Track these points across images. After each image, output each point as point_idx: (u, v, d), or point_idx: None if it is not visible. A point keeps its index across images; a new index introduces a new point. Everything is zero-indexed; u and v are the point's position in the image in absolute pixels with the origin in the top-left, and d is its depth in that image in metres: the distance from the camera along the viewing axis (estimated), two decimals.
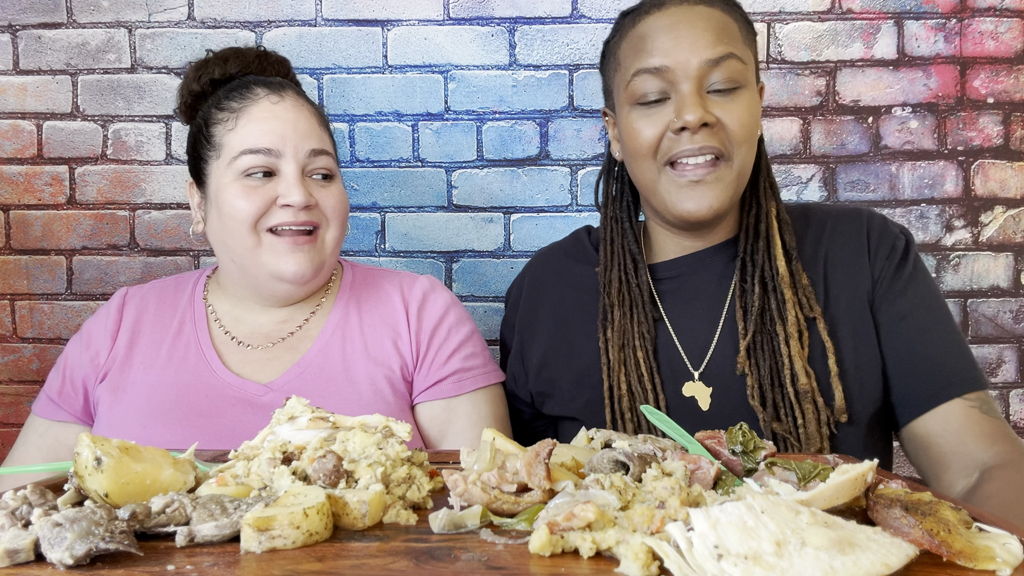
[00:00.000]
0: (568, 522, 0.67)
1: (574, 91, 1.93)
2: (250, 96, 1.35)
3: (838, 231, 1.34)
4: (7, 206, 1.95)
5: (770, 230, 1.31)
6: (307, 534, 0.69)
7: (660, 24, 1.26)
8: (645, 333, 1.32)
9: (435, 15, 1.93)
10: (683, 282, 1.36)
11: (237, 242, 1.33)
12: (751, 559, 0.58)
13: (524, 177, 1.94)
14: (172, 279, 1.52)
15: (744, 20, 1.31)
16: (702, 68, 1.22)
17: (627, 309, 1.34)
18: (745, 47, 1.27)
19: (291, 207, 1.30)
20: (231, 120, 1.34)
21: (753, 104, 1.26)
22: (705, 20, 1.24)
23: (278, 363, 1.38)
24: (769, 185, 1.36)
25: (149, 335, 1.41)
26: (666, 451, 0.86)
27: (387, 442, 0.86)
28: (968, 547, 0.64)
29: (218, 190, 1.34)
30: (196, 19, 1.93)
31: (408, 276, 1.50)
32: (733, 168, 1.25)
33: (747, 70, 1.26)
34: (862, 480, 0.72)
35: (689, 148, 1.23)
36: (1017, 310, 1.91)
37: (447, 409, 1.39)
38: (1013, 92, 1.90)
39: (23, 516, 0.70)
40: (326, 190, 1.36)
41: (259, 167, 1.31)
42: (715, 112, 1.23)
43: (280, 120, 1.32)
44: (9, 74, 1.94)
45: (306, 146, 1.33)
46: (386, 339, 1.40)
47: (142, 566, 0.64)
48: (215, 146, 1.35)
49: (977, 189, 1.92)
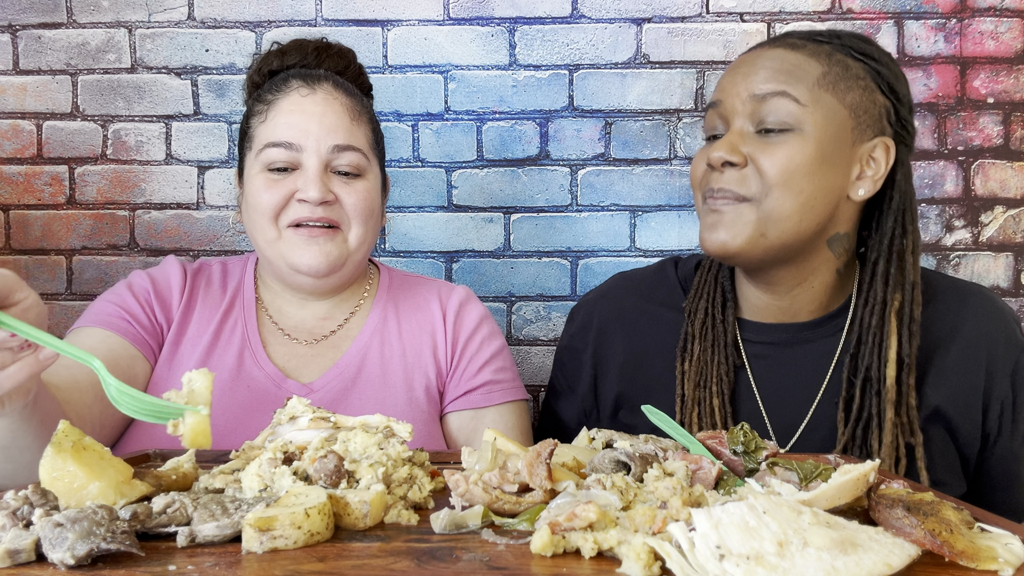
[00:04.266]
0: (570, 522, 0.67)
1: (574, 91, 1.93)
2: (284, 89, 1.34)
3: (963, 323, 1.26)
4: (7, 206, 1.95)
5: (886, 328, 1.21)
6: (308, 534, 0.69)
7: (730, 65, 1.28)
8: (724, 376, 1.27)
9: (435, 15, 1.93)
10: (776, 350, 1.29)
11: (260, 234, 1.33)
12: (753, 559, 0.58)
13: (524, 177, 1.94)
14: (218, 261, 1.49)
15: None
16: (752, 103, 1.20)
17: (708, 345, 1.28)
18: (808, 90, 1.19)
19: (307, 202, 1.29)
20: (263, 113, 1.34)
21: (794, 152, 1.18)
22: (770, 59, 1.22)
23: (320, 361, 1.37)
24: (897, 270, 1.22)
25: (200, 311, 1.39)
26: (667, 451, 0.86)
27: (388, 442, 0.86)
28: (970, 547, 0.64)
29: (247, 181, 1.35)
30: (196, 19, 1.93)
31: (445, 285, 1.49)
32: (759, 209, 1.18)
33: (800, 111, 1.18)
34: (864, 480, 0.72)
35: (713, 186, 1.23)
36: (1017, 310, 1.91)
37: (475, 419, 1.39)
38: (1013, 92, 1.90)
39: (24, 516, 0.69)
40: (349, 187, 1.33)
41: (281, 161, 1.30)
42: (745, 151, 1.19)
43: (306, 114, 1.31)
44: (9, 74, 1.94)
45: (330, 141, 1.31)
46: (424, 346, 1.40)
47: (143, 566, 0.64)
48: (249, 138, 1.36)
49: (977, 189, 1.92)
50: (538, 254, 1.94)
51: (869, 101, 1.20)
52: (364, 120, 1.38)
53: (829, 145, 1.18)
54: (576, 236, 1.93)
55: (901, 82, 1.24)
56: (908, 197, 1.24)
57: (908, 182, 1.25)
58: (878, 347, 1.21)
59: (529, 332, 1.94)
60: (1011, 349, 1.25)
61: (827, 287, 1.28)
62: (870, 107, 1.20)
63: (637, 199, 1.92)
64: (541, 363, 1.94)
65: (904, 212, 1.23)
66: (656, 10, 1.91)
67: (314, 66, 1.41)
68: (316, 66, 1.41)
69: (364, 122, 1.38)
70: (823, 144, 1.17)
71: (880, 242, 1.24)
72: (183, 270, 1.42)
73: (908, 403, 1.20)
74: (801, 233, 1.20)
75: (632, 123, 1.92)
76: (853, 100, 1.19)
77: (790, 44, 1.23)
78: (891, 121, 1.23)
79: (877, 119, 1.21)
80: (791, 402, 1.27)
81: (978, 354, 1.24)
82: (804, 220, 1.19)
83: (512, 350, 1.93)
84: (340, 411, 0.94)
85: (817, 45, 1.22)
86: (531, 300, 1.94)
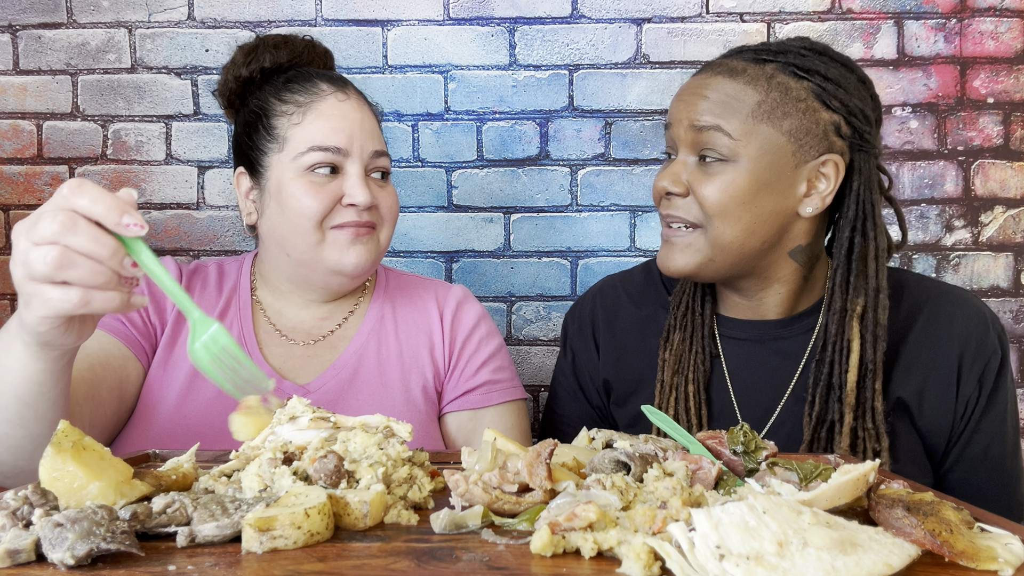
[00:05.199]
0: (569, 522, 0.67)
1: (574, 91, 1.93)
2: (316, 91, 1.34)
3: (931, 326, 1.27)
4: (7, 206, 1.95)
5: (847, 334, 1.23)
6: (308, 534, 0.69)
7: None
8: (700, 364, 1.32)
9: (435, 15, 1.93)
10: (748, 346, 1.33)
11: (300, 238, 1.31)
12: (753, 559, 0.58)
13: (524, 177, 1.94)
14: (214, 261, 1.49)
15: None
16: (692, 133, 1.23)
17: (687, 335, 1.34)
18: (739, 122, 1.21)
19: (355, 207, 1.30)
20: (297, 114, 1.32)
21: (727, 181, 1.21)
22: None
23: (317, 362, 1.37)
24: (859, 276, 1.24)
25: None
26: (667, 451, 0.86)
27: (388, 442, 0.86)
28: (970, 547, 0.64)
29: (280, 184, 1.32)
30: (196, 19, 1.93)
31: (442, 284, 1.50)
32: (706, 236, 1.23)
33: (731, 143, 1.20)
34: (864, 480, 0.72)
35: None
36: (1017, 310, 1.91)
37: (473, 419, 1.39)
38: (1013, 92, 1.90)
39: (24, 516, 0.69)
40: (384, 190, 1.36)
41: (326, 163, 1.30)
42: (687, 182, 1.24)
43: (348, 119, 1.32)
44: (9, 74, 1.94)
45: (371, 146, 1.33)
46: (422, 346, 1.40)
47: (143, 566, 0.64)
48: (277, 138, 1.33)
49: (977, 189, 1.92)
50: (538, 254, 1.94)
51: (811, 122, 1.21)
52: (380, 125, 1.41)
53: (765, 173, 1.20)
54: (576, 236, 1.93)
55: (854, 91, 1.23)
56: (868, 204, 1.24)
57: (869, 189, 1.24)
58: (839, 353, 1.23)
59: (529, 332, 1.94)
60: (982, 350, 1.26)
61: (794, 291, 1.31)
62: (812, 127, 1.21)
63: (637, 199, 1.92)
64: (541, 363, 1.94)
65: (865, 220, 1.24)
66: (656, 10, 1.91)
67: (307, 62, 1.41)
68: (308, 63, 1.42)
69: (380, 126, 1.41)
70: (758, 173, 1.20)
71: (839, 251, 1.25)
72: (179, 272, 1.42)
73: (874, 408, 1.21)
74: (748, 255, 1.24)
75: (632, 123, 1.92)
76: (791, 125, 1.20)
77: (730, 70, 1.23)
78: (841, 134, 1.22)
79: (821, 137, 1.21)
80: (761, 397, 1.31)
81: (950, 351, 1.26)
82: (747, 244, 1.23)
83: (512, 350, 1.93)
84: (337, 412, 0.95)
85: (759, 68, 1.22)
86: (531, 300, 1.94)
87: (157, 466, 0.91)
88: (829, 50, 1.26)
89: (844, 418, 1.21)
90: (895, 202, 1.34)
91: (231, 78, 1.42)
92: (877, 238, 1.24)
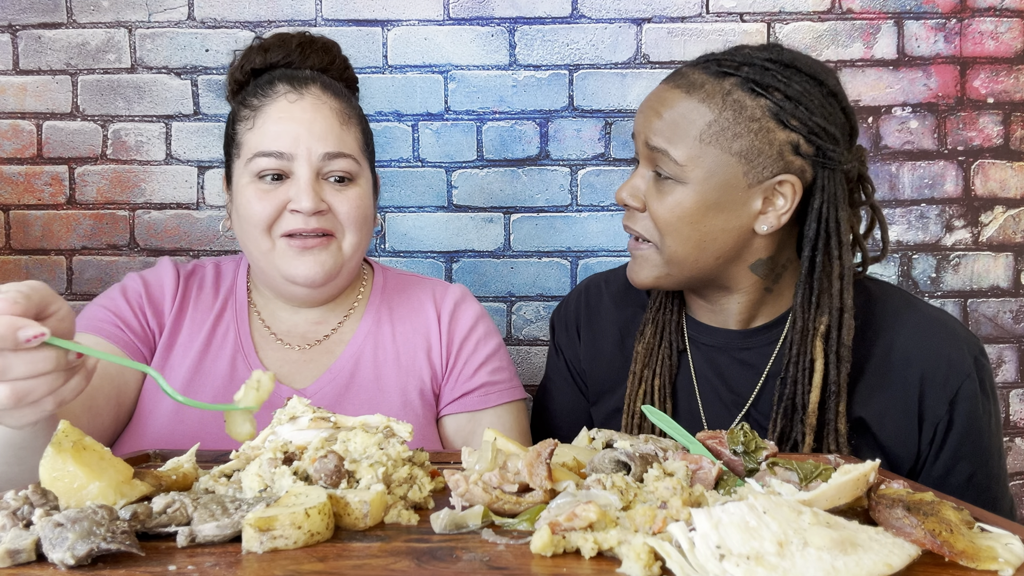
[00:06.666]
0: (570, 522, 0.67)
1: (574, 91, 1.93)
2: (271, 93, 1.31)
3: (896, 345, 1.24)
4: (7, 206, 1.95)
5: (809, 354, 1.21)
6: (308, 534, 0.69)
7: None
8: (667, 358, 1.34)
9: (435, 15, 1.92)
10: (713, 352, 1.33)
11: (253, 244, 1.31)
12: (753, 559, 0.58)
13: (524, 177, 1.94)
14: (212, 261, 1.47)
15: None
16: (647, 150, 1.24)
17: (658, 329, 1.36)
18: None
19: (300, 213, 1.27)
20: (250, 119, 1.31)
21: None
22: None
23: (313, 366, 1.36)
24: (823, 295, 1.21)
25: (192, 315, 1.37)
26: (667, 451, 0.86)
27: (388, 442, 0.86)
28: (970, 547, 0.64)
29: (237, 190, 1.32)
30: (196, 19, 1.93)
31: (440, 284, 1.48)
32: (660, 251, 1.25)
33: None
34: (864, 480, 0.72)
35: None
36: (1017, 310, 1.91)
37: (472, 421, 1.38)
38: (1013, 92, 1.90)
39: (24, 516, 0.69)
40: (341, 195, 1.30)
41: (271, 170, 1.28)
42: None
43: (295, 121, 1.28)
44: (9, 74, 1.93)
45: (320, 149, 1.28)
46: (419, 350, 1.39)
47: (143, 566, 0.64)
48: (237, 144, 1.33)
49: (977, 189, 1.92)
50: (538, 254, 1.94)
51: (763, 142, 1.18)
52: (354, 123, 1.35)
53: (713, 193, 1.19)
54: (576, 236, 1.93)
55: (816, 109, 1.18)
56: (832, 221, 1.21)
57: (834, 206, 1.20)
58: (803, 372, 1.21)
59: (529, 332, 1.94)
60: (954, 373, 1.21)
61: (755, 301, 1.30)
62: (764, 148, 1.18)
63: None
64: (541, 363, 1.93)
65: (828, 238, 1.21)
66: (656, 10, 1.91)
67: (299, 63, 1.38)
68: (301, 63, 1.38)
69: (354, 125, 1.35)
70: (706, 194, 1.19)
71: (800, 269, 1.23)
72: (176, 273, 1.41)
73: (837, 429, 1.19)
74: (702, 269, 1.25)
75: (632, 123, 1.92)
76: (742, 147, 1.18)
77: (689, 84, 1.21)
78: (801, 153, 1.19)
79: (776, 158, 1.18)
80: (724, 402, 1.31)
81: (912, 372, 1.22)
82: (701, 260, 1.23)
83: (512, 350, 1.93)
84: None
85: (717, 83, 1.19)
86: (531, 300, 1.94)
87: (157, 466, 0.91)
88: (797, 61, 1.21)
89: (806, 439, 1.20)
90: (878, 210, 1.30)
91: (231, 82, 1.42)
92: (842, 256, 1.21)
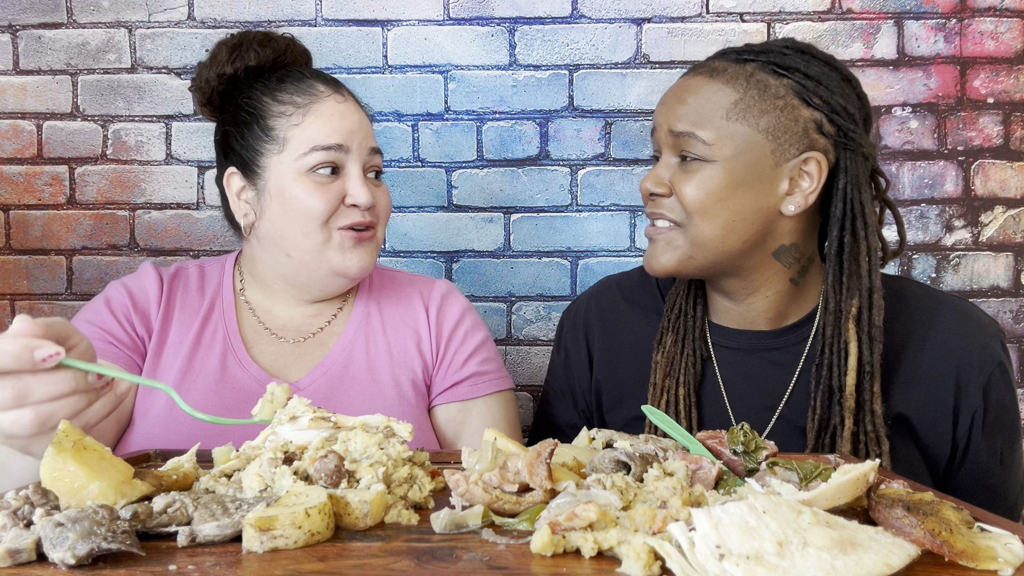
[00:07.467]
0: (570, 522, 0.67)
1: (574, 91, 1.93)
2: (314, 92, 1.34)
3: (933, 333, 1.26)
4: (7, 206, 1.95)
5: (843, 336, 1.22)
6: (309, 534, 0.69)
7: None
8: (690, 367, 1.32)
9: (435, 15, 1.93)
10: (740, 356, 1.33)
11: (305, 238, 1.31)
12: (753, 559, 0.58)
13: (524, 177, 1.94)
14: (194, 263, 1.48)
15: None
16: (672, 137, 1.25)
17: (679, 338, 1.34)
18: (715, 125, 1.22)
19: (357, 207, 1.31)
20: (296, 115, 1.32)
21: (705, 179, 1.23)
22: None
23: (307, 358, 1.38)
24: (852, 276, 1.23)
25: (179, 317, 1.38)
26: (667, 451, 0.86)
27: (389, 442, 0.86)
28: (970, 547, 0.64)
29: (282, 185, 1.31)
30: (196, 19, 1.93)
31: (426, 279, 1.51)
32: (686, 234, 1.24)
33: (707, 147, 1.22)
34: (864, 480, 0.72)
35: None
36: (1017, 310, 1.91)
37: (462, 411, 1.40)
38: (1013, 92, 1.90)
39: (25, 516, 0.69)
40: (379, 189, 1.38)
41: (328, 163, 1.31)
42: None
43: (348, 119, 1.33)
44: (9, 74, 1.94)
45: (368, 144, 1.35)
46: (409, 341, 1.41)
47: (144, 566, 0.64)
48: (276, 139, 1.32)
49: (977, 189, 1.92)
50: (538, 254, 1.94)
51: (790, 119, 1.21)
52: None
53: (742, 171, 1.21)
54: (576, 236, 1.93)
55: (836, 89, 1.22)
56: (856, 203, 1.23)
57: (857, 188, 1.23)
58: (837, 356, 1.22)
59: (529, 332, 1.94)
60: (986, 362, 1.24)
61: (782, 296, 1.30)
62: (791, 125, 1.21)
63: (637, 199, 1.92)
64: (541, 363, 1.94)
65: (854, 219, 1.23)
66: (656, 10, 1.91)
67: (289, 62, 1.41)
68: (291, 62, 1.41)
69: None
70: (734, 172, 1.21)
71: (830, 251, 1.25)
72: (159, 277, 1.41)
73: (873, 410, 1.20)
74: (728, 252, 1.24)
75: (632, 123, 1.92)
76: (769, 123, 1.20)
77: (711, 70, 1.25)
78: (824, 132, 1.22)
79: (802, 135, 1.21)
80: (756, 407, 1.30)
81: (947, 364, 1.24)
82: (728, 241, 1.23)
83: (512, 350, 1.94)
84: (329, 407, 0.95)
85: (739, 67, 1.23)
86: (531, 300, 1.94)
87: (157, 466, 0.91)
88: (812, 48, 1.26)
89: (845, 422, 1.21)
90: (893, 205, 1.32)
91: (214, 75, 1.39)
92: (868, 237, 1.23)
